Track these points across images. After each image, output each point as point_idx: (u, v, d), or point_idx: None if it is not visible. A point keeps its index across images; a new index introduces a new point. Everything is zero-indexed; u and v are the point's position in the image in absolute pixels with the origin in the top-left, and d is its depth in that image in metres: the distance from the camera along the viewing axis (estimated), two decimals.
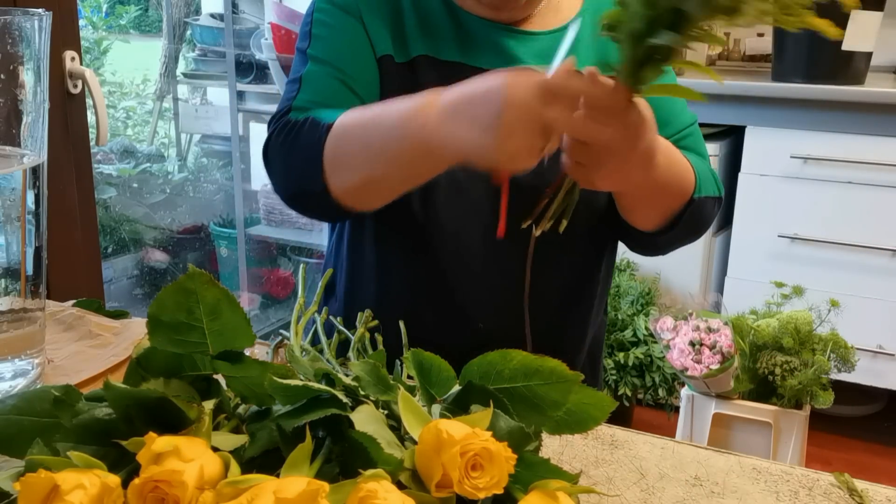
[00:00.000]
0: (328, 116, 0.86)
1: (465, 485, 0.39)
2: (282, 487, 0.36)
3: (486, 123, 0.70)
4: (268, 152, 0.93)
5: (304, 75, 0.93)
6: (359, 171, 0.83)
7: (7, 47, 0.61)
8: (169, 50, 2.93)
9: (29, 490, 0.37)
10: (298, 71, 0.95)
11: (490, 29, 0.95)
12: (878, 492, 0.62)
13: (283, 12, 2.58)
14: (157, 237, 2.90)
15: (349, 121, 0.84)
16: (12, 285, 0.66)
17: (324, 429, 0.44)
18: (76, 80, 1.42)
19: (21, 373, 0.67)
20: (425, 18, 0.95)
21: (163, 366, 0.46)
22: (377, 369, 0.48)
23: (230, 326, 0.45)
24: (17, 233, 0.65)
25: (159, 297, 0.45)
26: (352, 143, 0.83)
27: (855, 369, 1.91)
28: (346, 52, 0.93)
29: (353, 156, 0.83)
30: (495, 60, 0.93)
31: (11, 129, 0.63)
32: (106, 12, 3.20)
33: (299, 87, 0.93)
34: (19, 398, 0.45)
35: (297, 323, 0.63)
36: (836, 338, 1.88)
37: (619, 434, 0.69)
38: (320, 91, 0.92)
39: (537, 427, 0.47)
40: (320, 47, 0.94)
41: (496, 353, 0.47)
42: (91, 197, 1.49)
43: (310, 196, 0.89)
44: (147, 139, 3.14)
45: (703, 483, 0.62)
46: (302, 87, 0.93)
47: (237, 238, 2.75)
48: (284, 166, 0.90)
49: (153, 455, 0.39)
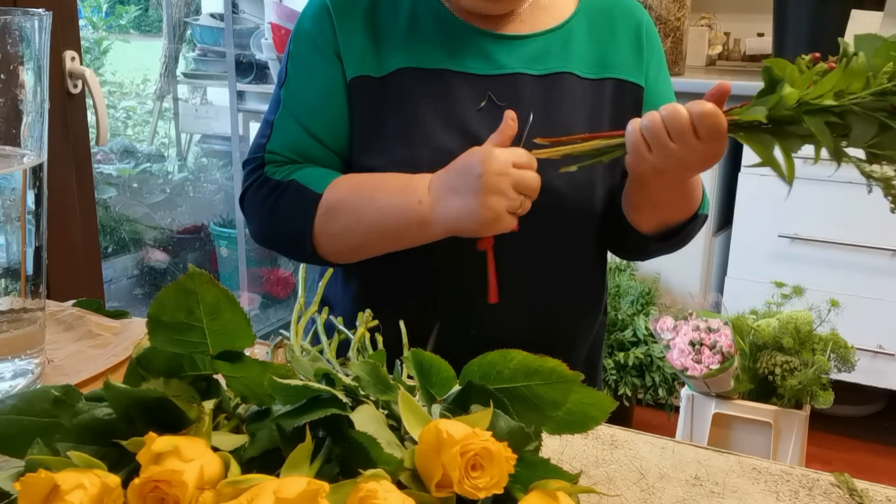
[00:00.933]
0: (312, 182, 0.91)
1: (465, 485, 0.39)
2: (282, 487, 0.36)
3: (471, 187, 0.81)
4: (244, 205, 0.98)
5: (275, 121, 0.96)
6: (351, 242, 0.90)
7: (7, 47, 0.61)
8: (169, 50, 2.93)
9: (29, 490, 0.37)
10: (272, 112, 0.98)
11: (477, 34, 0.95)
12: (878, 491, 0.62)
13: (283, 12, 2.58)
14: (157, 237, 2.90)
15: (340, 195, 0.89)
16: (12, 285, 0.66)
17: (324, 429, 0.44)
18: (76, 79, 1.42)
19: (21, 373, 0.67)
20: (409, 28, 0.95)
21: (163, 366, 0.46)
22: (377, 369, 0.48)
23: (230, 326, 0.45)
24: (18, 233, 0.65)
25: (159, 297, 0.45)
26: (343, 217, 0.89)
27: (855, 369, 1.91)
28: (315, 100, 0.95)
29: (345, 228, 0.89)
30: (482, 65, 0.94)
31: (12, 129, 0.63)
32: (106, 12, 3.19)
33: (271, 132, 0.96)
34: (19, 398, 0.45)
35: (297, 323, 0.63)
36: (836, 338, 1.88)
37: (619, 434, 0.69)
38: (290, 142, 0.95)
39: (537, 427, 0.47)
40: (293, 91, 0.96)
41: (496, 353, 0.47)
42: (91, 197, 1.49)
43: (293, 253, 0.97)
44: (147, 139, 3.14)
45: (703, 483, 0.62)
46: (273, 134, 0.96)
47: (237, 238, 2.75)
48: (267, 226, 0.95)
49: (153, 455, 0.39)
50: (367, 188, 0.89)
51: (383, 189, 0.88)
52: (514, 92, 0.94)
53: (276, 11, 2.60)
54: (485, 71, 0.94)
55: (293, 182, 0.91)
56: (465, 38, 0.95)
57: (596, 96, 0.97)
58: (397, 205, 0.86)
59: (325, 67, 0.95)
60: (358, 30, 0.94)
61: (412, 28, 0.95)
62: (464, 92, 0.93)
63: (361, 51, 0.94)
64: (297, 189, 0.91)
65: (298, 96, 0.96)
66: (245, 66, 2.74)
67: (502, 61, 0.95)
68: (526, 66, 0.95)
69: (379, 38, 0.95)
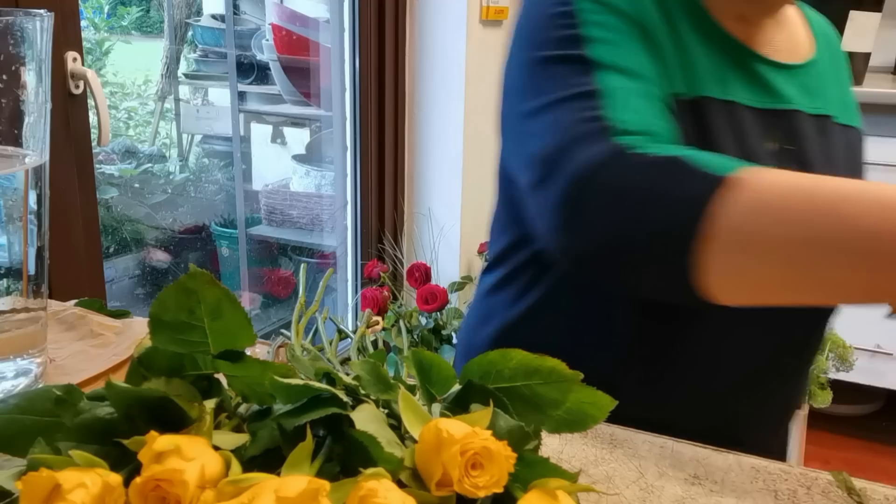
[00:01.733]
0: (709, 162, 0.61)
1: (465, 483, 0.39)
2: (282, 486, 0.36)
3: None
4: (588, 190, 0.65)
5: (604, 88, 0.68)
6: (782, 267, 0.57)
7: (9, 48, 0.61)
8: (170, 51, 2.93)
9: (30, 489, 0.37)
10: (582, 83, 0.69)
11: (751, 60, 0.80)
12: (877, 490, 0.62)
13: (283, 13, 2.58)
14: (158, 237, 2.90)
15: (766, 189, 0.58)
16: (14, 285, 0.66)
17: (324, 428, 0.44)
18: (78, 80, 1.43)
19: (23, 372, 0.67)
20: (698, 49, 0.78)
21: (164, 365, 0.46)
22: (377, 369, 0.48)
23: (231, 326, 0.46)
24: (20, 233, 0.65)
25: (160, 297, 0.45)
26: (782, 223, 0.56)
27: (853, 368, 1.91)
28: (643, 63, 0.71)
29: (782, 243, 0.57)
30: (765, 98, 0.79)
31: (13, 129, 0.63)
32: (108, 13, 3.20)
33: (601, 101, 0.68)
34: (21, 397, 0.46)
35: (298, 322, 0.63)
36: (835, 337, 1.88)
37: (618, 433, 0.70)
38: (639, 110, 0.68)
39: (537, 426, 0.47)
40: (608, 52, 0.71)
41: (496, 353, 0.48)
42: (93, 197, 1.50)
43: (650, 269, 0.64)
44: (148, 139, 3.14)
45: (702, 482, 0.62)
46: (609, 103, 0.67)
47: (238, 238, 2.76)
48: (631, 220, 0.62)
49: (154, 454, 0.39)
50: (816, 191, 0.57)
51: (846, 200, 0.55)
52: (798, 132, 0.80)
53: (276, 12, 2.60)
54: (769, 104, 0.79)
55: (679, 159, 0.61)
56: (738, 59, 0.79)
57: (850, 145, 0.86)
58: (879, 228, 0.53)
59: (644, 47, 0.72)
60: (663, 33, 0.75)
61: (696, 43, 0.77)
62: (754, 129, 0.77)
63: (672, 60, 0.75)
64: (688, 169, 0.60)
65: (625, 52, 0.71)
66: (246, 67, 2.74)
67: (783, 93, 0.79)
68: (802, 102, 0.81)
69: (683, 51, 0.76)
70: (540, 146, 0.68)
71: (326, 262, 2.78)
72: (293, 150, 3.00)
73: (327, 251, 2.76)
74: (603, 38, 0.71)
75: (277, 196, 2.79)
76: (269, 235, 2.82)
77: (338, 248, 2.61)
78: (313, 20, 2.60)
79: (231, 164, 2.89)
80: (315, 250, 2.84)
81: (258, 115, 2.91)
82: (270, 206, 2.78)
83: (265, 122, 3.03)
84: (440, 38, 2.41)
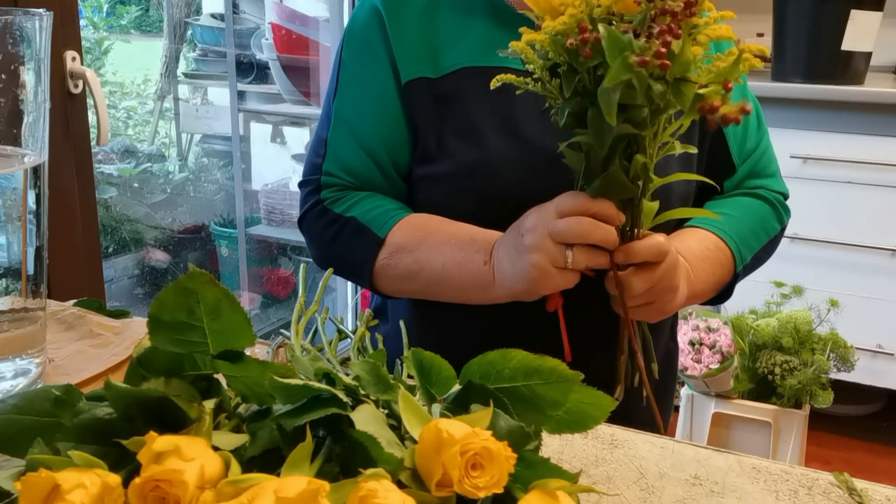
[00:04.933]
0: (374, 221, 0.87)
1: (465, 484, 0.39)
2: (282, 487, 0.36)
3: (518, 247, 0.75)
4: (303, 228, 0.95)
5: (329, 139, 0.92)
6: (412, 288, 0.87)
7: (8, 47, 0.61)
8: (170, 50, 2.93)
9: (30, 489, 0.37)
10: (325, 128, 0.93)
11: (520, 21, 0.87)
12: (878, 491, 0.62)
13: (283, 12, 2.58)
14: (157, 237, 2.90)
15: (403, 242, 0.86)
16: (13, 285, 0.66)
17: (324, 428, 0.44)
18: (77, 80, 1.42)
19: (22, 372, 0.67)
20: (464, 23, 0.89)
21: (163, 365, 0.46)
22: (377, 369, 0.48)
23: (230, 326, 0.46)
24: (19, 232, 0.65)
25: (160, 297, 0.45)
26: (405, 265, 0.85)
27: (854, 369, 1.91)
28: (370, 111, 0.90)
29: (406, 274, 0.85)
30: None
31: (12, 128, 0.63)
32: (107, 12, 3.19)
33: (325, 151, 0.92)
34: (20, 398, 0.45)
35: (298, 322, 0.63)
36: (836, 337, 1.88)
37: (618, 433, 0.69)
38: (347, 162, 0.91)
39: (537, 426, 0.47)
40: (347, 104, 0.92)
41: (496, 353, 0.48)
42: (92, 196, 1.49)
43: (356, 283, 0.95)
44: (148, 139, 3.14)
45: (702, 482, 0.62)
46: (328, 154, 0.92)
47: (238, 238, 2.75)
48: (327, 257, 0.93)
49: (154, 454, 0.39)
50: (432, 237, 0.85)
51: (448, 241, 0.84)
52: None
53: (276, 11, 2.60)
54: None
55: (353, 220, 0.89)
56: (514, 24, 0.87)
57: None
58: (460, 261, 0.82)
59: (377, 74, 0.90)
60: (412, 30, 0.89)
61: (468, 23, 0.90)
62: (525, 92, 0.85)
63: (417, 52, 0.89)
64: (358, 228, 0.88)
65: (352, 109, 0.92)
66: (245, 67, 2.74)
67: None
68: None
69: (435, 37, 0.89)
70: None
71: None
72: (293, 150, 3.00)
73: None
74: (345, 83, 0.92)
75: (277, 195, 2.79)
76: (269, 235, 2.83)
77: None
78: (313, 19, 2.60)
79: (230, 163, 2.89)
80: None
81: (258, 114, 2.91)
82: (270, 206, 2.78)
83: (265, 122, 3.03)
84: None
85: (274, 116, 2.97)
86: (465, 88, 0.88)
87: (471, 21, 0.90)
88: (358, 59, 0.92)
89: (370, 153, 0.91)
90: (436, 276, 0.84)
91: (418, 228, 0.87)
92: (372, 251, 0.87)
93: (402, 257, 0.86)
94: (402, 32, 0.89)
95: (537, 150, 0.85)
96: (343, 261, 0.90)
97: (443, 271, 0.83)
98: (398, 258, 0.86)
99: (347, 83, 0.93)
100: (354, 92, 0.92)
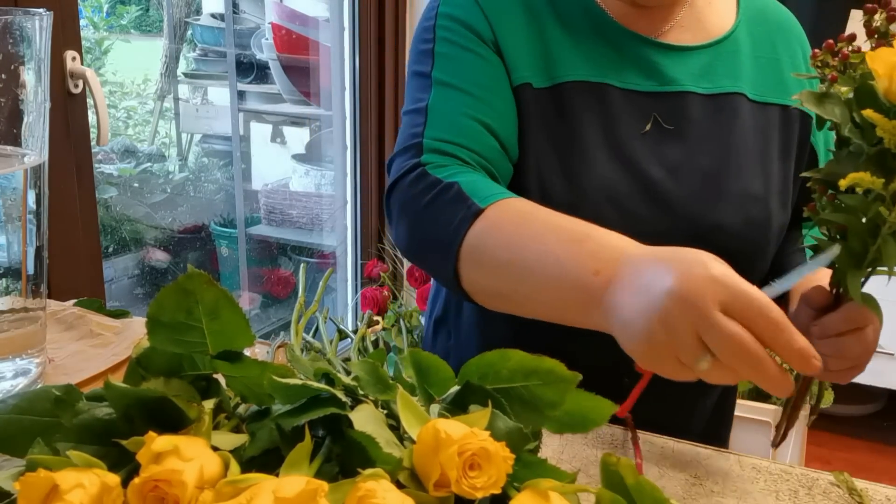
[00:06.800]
0: (477, 192, 0.72)
1: (462, 484, 0.39)
2: (281, 487, 0.36)
3: (650, 299, 0.56)
4: (392, 198, 0.79)
5: (430, 105, 0.79)
6: (494, 283, 0.70)
7: (8, 47, 0.61)
8: (170, 50, 2.93)
9: (29, 489, 0.37)
10: (421, 99, 0.81)
11: (640, 44, 0.83)
12: (878, 491, 0.62)
13: (283, 12, 2.58)
14: (157, 237, 2.90)
15: (505, 219, 0.69)
16: (13, 285, 0.66)
17: (323, 428, 0.44)
18: (77, 79, 1.42)
19: (22, 372, 0.67)
20: (569, 38, 0.83)
21: (163, 365, 0.46)
22: (377, 369, 0.48)
23: (229, 326, 0.46)
24: (19, 232, 0.65)
25: (158, 298, 0.45)
26: (502, 248, 0.68)
27: None
28: (479, 78, 0.80)
29: (493, 263, 0.69)
30: (646, 80, 0.82)
31: (12, 128, 0.63)
32: (107, 12, 3.20)
33: (425, 119, 0.79)
34: (20, 398, 0.46)
35: (298, 322, 0.63)
36: None
37: (618, 433, 0.69)
38: (451, 127, 0.78)
39: (535, 427, 0.47)
40: (448, 69, 0.81)
41: (495, 353, 0.48)
42: (92, 196, 1.50)
43: (434, 272, 0.77)
44: (148, 139, 3.14)
45: (702, 482, 0.62)
46: (429, 120, 0.79)
47: (238, 238, 2.75)
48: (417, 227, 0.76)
49: (153, 454, 0.39)
50: (536, 224, 0.68)
51: (555, 230, 0.66)
52: (681, 113, 0.82)
53: (276, 11, 2.60)
54: (649, 87, 0.82)
55: (456, 185, 0.73)
56: (625, 45, 0.83)
57: (764, 123, 0.85)
58: (562, 258, 0.63)
59: (486, 51, 0.80)
60: (518, 33, 0.82)
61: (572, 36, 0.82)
62: (626, 110, 0.81)
63: (524, 56, 0.81)
64: (458, 195, 0.72)
65: (460, 69, 0.80)
66: (246, 66, 2.74)
67: (669, 75, 0.83)
68: (694, 83, 0.83)
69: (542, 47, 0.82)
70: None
71: (326, 261, 2.77)
72: (293, 150, 3.00)
73: (327, 251, 2.76)
74: (446, 54, 0.81)
75: (277, 195, 2.79)
76: (269, 235, 2.82)
77: (338, 247, 2.61)
78: (313, 19, 2.60)
79: (230, 163, 2.89)
80: (315, 250, 2.84)
81: (258, 114, 2.91)
82: (270, 206, 2.78)
83: (265, 122, 3.03)
84: None
85: (274, 116, 2.97)
86: (570, 103, 0.81)
87: (574, 34, 0.83)
88: (460, 35, 0.82)
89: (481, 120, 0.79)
90: (527, 274, 0.66)
91: (524, 213, 0.70)
92: (466, 222, 0.70)
93: (495, 237, 0.69)
94: (508, 33, 0.81)
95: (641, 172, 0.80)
96: (432, 231, 0.74)
97: (537, 267, 0.65)
98: (489, 238, 0.69)
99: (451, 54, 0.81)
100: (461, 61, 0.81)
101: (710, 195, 0.81)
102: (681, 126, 0.82)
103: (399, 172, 0.78)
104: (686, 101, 0.82)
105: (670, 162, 0.81)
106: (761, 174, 0.84)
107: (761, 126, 0.85)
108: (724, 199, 0.80)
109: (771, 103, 0.86)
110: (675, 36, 0.85)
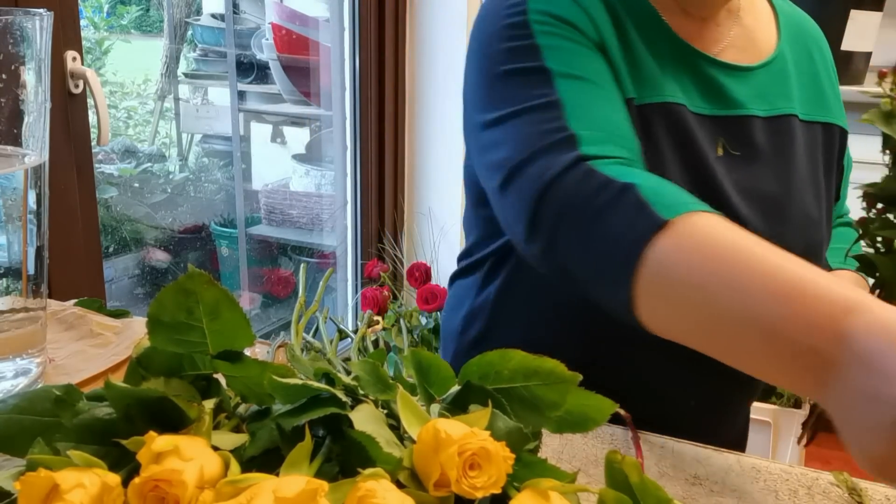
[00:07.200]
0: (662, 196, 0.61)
1: (462, 484, 0.39)
2: (281, 486, 0.36)
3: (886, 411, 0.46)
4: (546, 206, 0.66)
5: (562, 97, 0.68)
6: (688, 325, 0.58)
7: (8, 47, 0.61)
8: (170, 50, 2.93)
9: (29, 489, 0.37)
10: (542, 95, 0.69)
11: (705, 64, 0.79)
12: (878, 490, 0.62)
13: (283, 12, 2.58)
14: (158, 237, 2.90)
15: (699, 244, 0.57)
16: (14, 285, 0.66)
17: (324, 428, 0.44)
18: (77, 80, 1.42)
19: (22, 372, 0.67)
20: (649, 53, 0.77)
21: (163, 365, 0.46)
22: (377, 369, 0.48)
23: (230, 326, 0.46)
24: (19, 232, 0.65)
25: (159, 298, 0.45)
26: (694, 286, 0.56)
27: None
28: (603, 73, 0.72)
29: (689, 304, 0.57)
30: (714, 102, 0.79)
31: (13, 128, 0.63)
32: (107, 12, 3.20)
33: (562, 112, 0.68)
34: (20, 397, 0.46)
35: (298, 322, 0.63)
36: None
37: (619, 433, 0.69)
38: (599, 120, 0.68)
39: (535, 427, 0.47)
40: (565, 61, 0.71)
41: (495, 353, 0.48)
42: (92, 196, 1.50)
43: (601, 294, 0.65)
44: (148, 139, 3.14)
45: (702, 482, 0.62)
46: (569, 113, 0.68)
47: (238, 238, 2.76)
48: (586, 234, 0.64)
49: (153, 454, 0.39)
50: (739, 260, 0.55)
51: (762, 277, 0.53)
52: (746, 137, 0.79)
53: (276, 11, 2.60)
54: (716, 110, 0.78)
55: (632, 188, 0.61)
56: (692, 64, 0.79)
57: (812, 142, 0.84)
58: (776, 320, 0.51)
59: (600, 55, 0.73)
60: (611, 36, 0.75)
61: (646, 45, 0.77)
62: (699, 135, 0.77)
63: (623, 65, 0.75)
64: (636, 202, 0.60)
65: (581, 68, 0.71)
66: (246, 67, 2.74)
67: (733, 98, 0.80)
68: (756, 106, 0.81)
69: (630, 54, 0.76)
70: (505, 155, 0.70)
71: (326, 261, 2.78)
72: (293, 150, 3.00)
73: (327, 251, 2.76)
74: (556, 46, 0.72)
75: (277, 195, 2.79)
76: (269, 235, 2.83)
77: (338, 247, 2.61)
78: (313, 19, 2.60)
79: (231, 163, 2.89)
80: (315, 250, 2.84)
81: (258, 114, 2.91)
82: (270, 206, 2.78)
83: (265, 122, 3.03)
84: (440, 37, 2.41)
85: (274, 116, 2.97)
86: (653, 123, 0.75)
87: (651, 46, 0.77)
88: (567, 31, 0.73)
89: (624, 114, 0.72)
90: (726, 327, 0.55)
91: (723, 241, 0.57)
92: (649, 231, 0.59)
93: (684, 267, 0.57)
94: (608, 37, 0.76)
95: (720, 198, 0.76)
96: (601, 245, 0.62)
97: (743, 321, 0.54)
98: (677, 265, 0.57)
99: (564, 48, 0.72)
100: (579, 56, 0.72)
101: (776, 220, 0.79)
102: (746, 150, 0.79)
103: (556, 170, 0.65)
104: (750, 125, 0.80)
105: (741, 187, 0.79)
106: (815, 196, 0.83)
107: (810, 146, 0.83)
108: (788, 224, 0.79)
109: (816, 121, 0.85)
110: (733, 56, 0.81)
